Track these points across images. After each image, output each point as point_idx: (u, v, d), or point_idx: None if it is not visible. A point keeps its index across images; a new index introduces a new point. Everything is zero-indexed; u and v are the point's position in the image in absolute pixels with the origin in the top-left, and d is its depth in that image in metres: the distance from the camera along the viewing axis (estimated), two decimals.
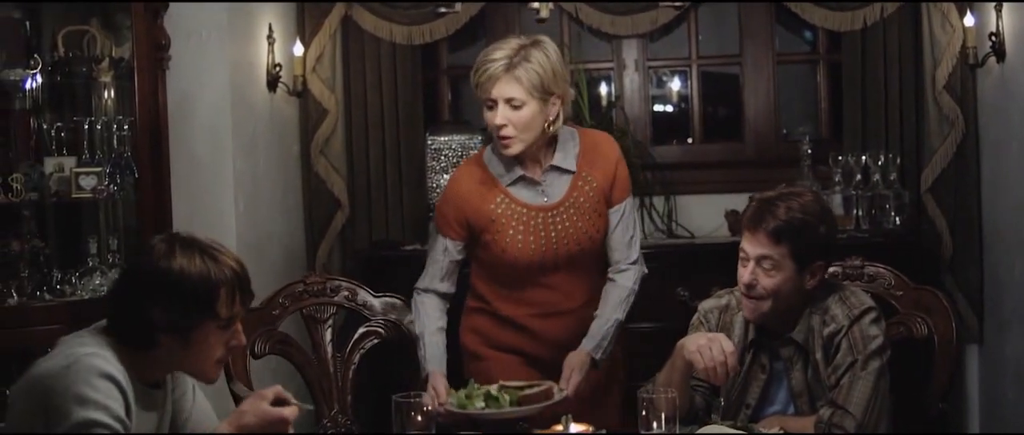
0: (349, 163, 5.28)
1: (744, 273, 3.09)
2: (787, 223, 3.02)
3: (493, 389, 2.98)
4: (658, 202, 5.18)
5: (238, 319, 2.58)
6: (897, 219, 4.88)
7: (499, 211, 3.28)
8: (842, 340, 3.01)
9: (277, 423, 2.59)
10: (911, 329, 3.37)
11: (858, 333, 3.00)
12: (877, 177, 4.91)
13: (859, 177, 4.94)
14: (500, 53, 3.22)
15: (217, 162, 4.58)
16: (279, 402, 2.63)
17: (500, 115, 3.20)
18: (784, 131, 5.55)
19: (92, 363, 2.41)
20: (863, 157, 4.96)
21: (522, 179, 3.32)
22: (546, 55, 3.22)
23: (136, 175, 4.22)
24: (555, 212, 3.30)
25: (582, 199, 3.34)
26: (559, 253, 3.29)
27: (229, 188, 4.56)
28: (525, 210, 3.29)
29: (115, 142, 4.26)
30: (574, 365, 3.24)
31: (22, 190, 4.08)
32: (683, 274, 4.61)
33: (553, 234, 3.29)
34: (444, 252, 3.36)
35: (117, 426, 2.40)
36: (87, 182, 4.19)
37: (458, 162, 5.04)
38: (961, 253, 5.02)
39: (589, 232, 3.35)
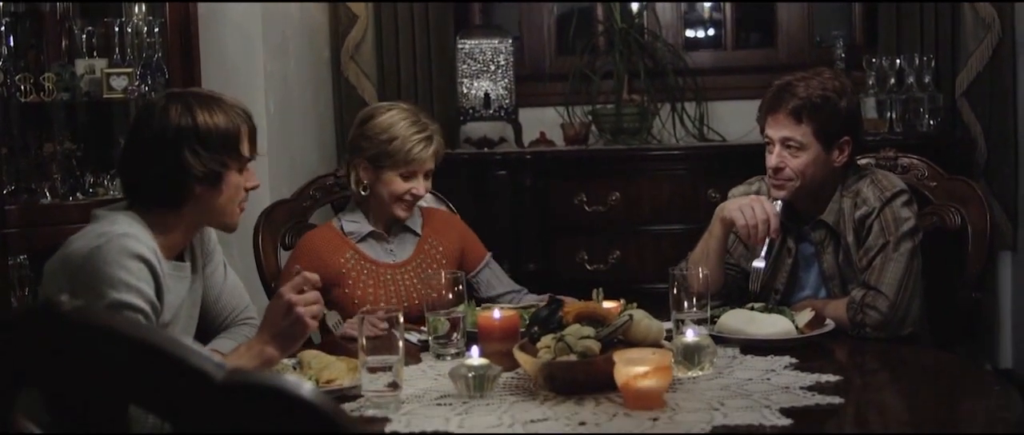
0: (379, 68, 5.25)
1: (771, 158, 3.08)
2: (807, 101, 3.01)
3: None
4: (690, 108, 5.15)
5: (252, 160, 2.65)
6: (931, 122, 4.82)
7: (349, 265, 3.30)
8: (874, 222, 3.00)
9: (288, 311, 2.43)
10: (944, 219, 3.36)
11: (890, 215, 2.99)
12: (911, 80, 4.84)
13: (893, 81, 4.89)
14: (426, 130, 3.33)
15: (247, 64, 4.57)
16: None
17: (421, 185, 3.32)
18: (817, 38, 5.49)
19: (124, 244, 2.42)
20: (897, 60, 4.89)
21: (371, 234, 3.36)
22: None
23: (167, 76, 4.23)
24: (403, 270, 3.33)
25: (429, 261, 3.38)
26: (410, 311, 3.18)
27: (260, 90, 4.55)
28: (373, 267, 3.32)
29: (145, 44, 4.26)
30: None
31: (54, 89, 4.09)
32: (714, 176, 4.60)
33: (402, 291, 3.31)
34: None
35: (147, 307, 2.42)
36: (118, 83, 4.20)
37: (490, 66, 5.02)
38: (995, 158, 4.95)
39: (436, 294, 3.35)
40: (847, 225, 3.06)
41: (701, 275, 2.72)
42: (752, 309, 2.88)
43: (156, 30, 4.25)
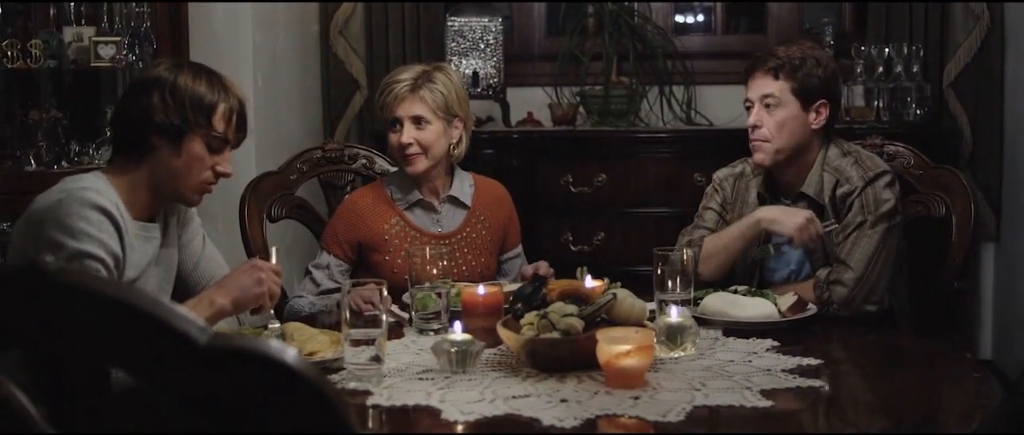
0: (368, 44, 5.23)
1: (750, 117, 3.14)
2: (785, 59, 3.12)
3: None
4: (678, 91, 5.15)
5: (229, 145, 2.65)
6: (918, 112, 4.83)
7: (393, 231, 3.27)
8: (854, 200, 3.06)
9: (258, 284, 2.57)
10: (929, 208, 3.37)
11: (871, 195, 3.05)
12: (899, 69, 4.85)
13: (881, 69, 4.89)
14: (405, 75, 3.25)
15: (236, 36, 4.56)
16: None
17: (406, 134, 3.21)
18: (806, 25, 5.49)
19: (84, 196, 2.48)
20: (886, 49, 4.90)
21: (419, 204, 3.32)
22: (449, 78, 3.28)
23: (155, 46, 4.22)
24: (448, 242, 3.27)
25: (475, 235, 3.36)
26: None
27: (248, 62, 4.54)
28: (418, 235, 3.28)
29: (134, 13, 4.25)
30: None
31: (41, 57, 4.08)
32: (700, 160, 4.61)
33: (445, 263, 3.25)
34: (326, 269, 3.25)
35: (108, 258, 2.46)
36: (106, 51, 4.19)
37: (479, 45, 5.02)
38: (981, 149, 4.97)
39: (480, 267, 3.35)
40: (828, 201, 3.10)
41: (686, 256, 2.72)
42: (735, 292, 2.90)
43: None
